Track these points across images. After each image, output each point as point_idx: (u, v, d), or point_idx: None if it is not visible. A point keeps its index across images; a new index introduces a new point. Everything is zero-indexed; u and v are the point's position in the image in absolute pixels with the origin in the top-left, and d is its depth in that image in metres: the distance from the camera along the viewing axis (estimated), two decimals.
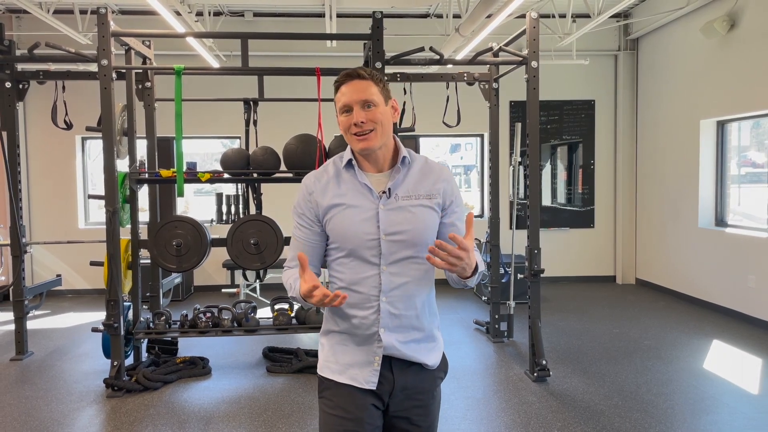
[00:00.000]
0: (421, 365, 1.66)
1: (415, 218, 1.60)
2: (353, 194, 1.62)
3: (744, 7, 5.73)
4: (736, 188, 6.56)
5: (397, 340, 1.62)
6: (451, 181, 1.68)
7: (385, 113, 1.61)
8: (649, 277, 7.70)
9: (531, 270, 4.35)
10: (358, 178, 1.63)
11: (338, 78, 1.63)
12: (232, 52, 7.31)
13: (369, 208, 1.60)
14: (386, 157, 1.65)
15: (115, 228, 4.12)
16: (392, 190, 1.62)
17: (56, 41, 4.50)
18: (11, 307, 4.94)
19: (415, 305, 1.64)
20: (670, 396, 3.94)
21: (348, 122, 1.59)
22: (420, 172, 1.66)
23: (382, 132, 1.59)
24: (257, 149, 4.49)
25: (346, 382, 1.63)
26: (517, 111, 7.87)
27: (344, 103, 1.59)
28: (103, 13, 4.00)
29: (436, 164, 1.71)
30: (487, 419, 3.65)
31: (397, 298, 1.61)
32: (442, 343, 1.75)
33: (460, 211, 1.70)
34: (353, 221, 1.59)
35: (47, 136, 7.36)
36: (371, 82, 1.60)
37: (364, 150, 1.60)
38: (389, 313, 1.61)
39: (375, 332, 1.61)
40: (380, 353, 1.62)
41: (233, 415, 3.72)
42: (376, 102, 1.59)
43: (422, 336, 1.66)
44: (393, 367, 1.64)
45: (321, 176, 1.67)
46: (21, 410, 3.82)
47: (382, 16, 4.15)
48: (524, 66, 4.42)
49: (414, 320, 1.64)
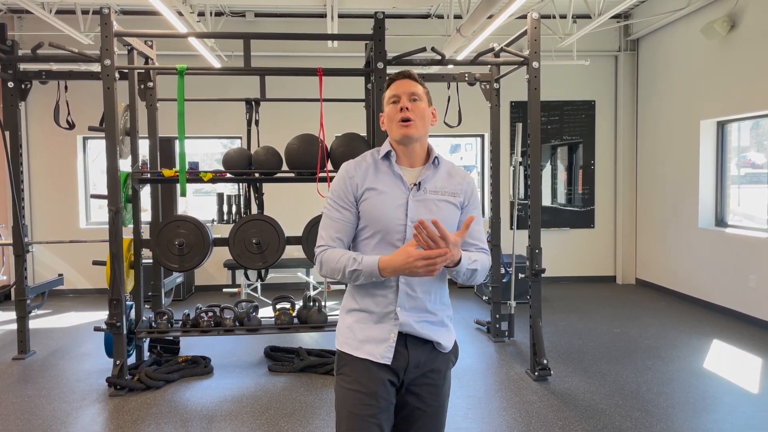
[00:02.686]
0: (433, 345, 1.79)
1: (439, 211, 1.77)
2: (387, 182, 1.78)
3: (744, 8, 5.75)
4: (736, 189, 6.57)
5: (412, 319, 1.75)
6: (472, 185, 1.87)
7: (427, 112, 1.81)
8: (650, 277, 7.72)
9: (532, 270, 4.37)
10: (394, 169, 1.79)
11: (392, 76, 1.84)
12: (233, 52, 7.32)
13: (400, 197, 1.76)
14: (420, 155, 1.83)
15: (118, 227, 4.13)
16: (422, 183, 1.79)
17: (58, 41, 4.51)
18: (13, 306, 4.95)
19: (430, 290, 1.78)
20: (671, 395, 3.96)
21: (394, 110, 1.78)
22: (447, 173, 1.85)
23: (422, 126, 1.78)
24: (259, 149, 4.51)
25: (364, 356, 1.74)
26: (517, 111, 7.88)
27: (393, 93, 1.79)
28: (106, 13, 4.01)
29: (461, 169, 1.91)
30: (489, 418, 3.66)
31: (415, 281, 1.75)
32: (454, 333, 1.88)
33: (476, 213, 1.85)
34: (385, 206, 1.75)
35: (49, 136, 7.37)
36: (419, 84, 1.82)
37: (405, 138, 1.76)
38: (406, 294, 1.75)
39: (392, 311, 1.75)
40: (396, 330, 1.74)
41: (235, 414, 3.73)
42: (421, 97, 1.80)
43: (435, 319, 1.80)
44: (408, 345, 1.76)
45: (360, 163, 1.83)
46: (24, 409, 3.84)
47: (384, 17, 4.17)
48: (525, 66, 4.44)
49: (428, 304, 1.78)
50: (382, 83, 4.19)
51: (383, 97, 1.85)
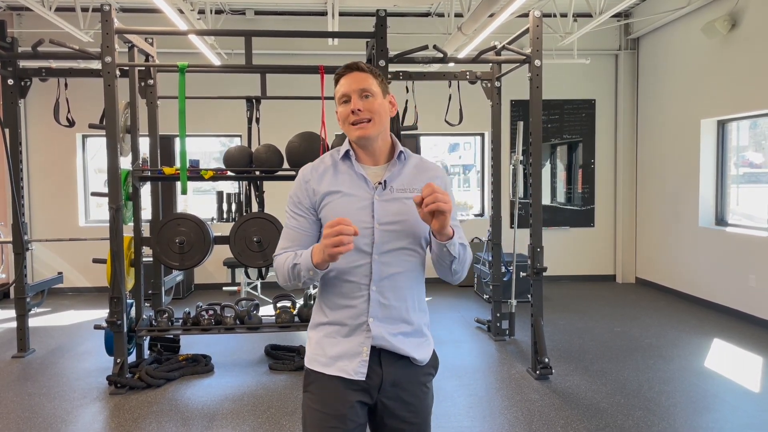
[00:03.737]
0: (409, 359, 1.66)
1: (409, 210, 1.61)
2: (349, 184, 1.65)
3: (745, 7, 5.74)
4: (734, 188, 6.57)
5: (386, 331, 1.62)
6: (445, 179, 1.71)
7: (383, 105, 1.65)
8: (649, 276, 7.72)
9: (534, 268, 4.36)
10: (355, 169, 1.65)
11: (338, 71, 1.67)
12: (234, 50, 7.31)
13: (364, 198, 1.63)
14: (383, 151, 1.69)
15: (119, 225, 4.12)
16: (388, 182, 1.65)
17: (58, 38, 4.49)
18: (13, 304, 4.94)
19: (405, 297, 1.65)
20: (672, 394, 3.96)
21: (346, 111, 1.63)
22: (416, 168, 1.70)
23: (379, 122, 1.63)
24: (260, 147, 4.50)
25: (335, 374, 1.62)
26: (517, 110, 7.88)
27: (343, 92, 1.63)
28: (107, 10, 4.00)
29: (431, 162, 1.75)
30: (491, 416, 3.66)
31: (387, 288, 1.63)
32: (432, 341, 1.75)
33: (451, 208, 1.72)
34: (348, 209, 1.61)
35: (48, 134, 7.35)
36: (370, 74, 1.65)
37: (361, 139, 1.63)
38: (378, 302, 1.62)
39: (364, 322, 1.62)
40: (369, 343, 1.62)
41: (236, 413, 3.72)
42: (374, 93, 1.63)
43: (411, 330, 1.67)
44: (382, 360, 1.63)
45: (318, 166, 1.70)
46: (24, 407, 3.82)
47: (386, 15, 4.16)
48: (526, 65, 4.43)
49: (403, 312, 1.65)
50: None
51: (334, 94, 1.67)
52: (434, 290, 7.44)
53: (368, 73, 1.65)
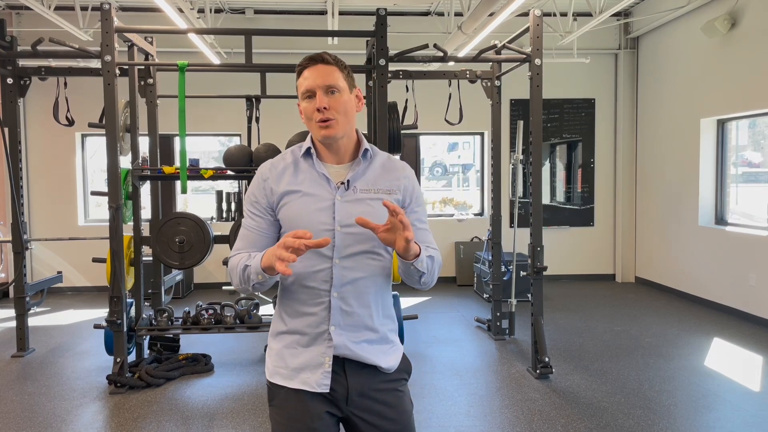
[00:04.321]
0: (376, 368, 1.57)
1: (373, 211, 1.52)
2: (310, 183, 1.55)
3: (745, 6, 5.74)
4: (734, 188, 6.57)
5: (349, 340, 1.53)
6: (412, 179, 1.63)
7: (349, 101, 1.54)
8: (649, 276, 7.72)
9: (534, 267, 4.36)
10: (316, 168, 1.56)
11: (301, 62, 1.56)
12: (233, 49, 7.30)
13: (326, 198, 1.53)
14: (348, 149, 1.58)
15: (119, 224, 4.11)
16: (351, 182, 1.56)
17: (57, 37, 4.49)
18: (12, 304, 4.93)
19: (368, 303, 1.56)
20: (673, 393, 3.96)
21: (311, 108, 1.52)
22: (382, 167, 1.61)
23: (345, 121, 1.53)
24: (260, 146, 4.49)
25: (298, 387, 1.54)
26: (517, 109, 7.88)
27: (307, 87, 1.52)
28: (107, 9, 3.99)
29: (399, 161, 1.65)
30: (491, 416, 3.66)
31: (349, 293, 1.53)
32: (400, 346, 1.67)
33: (421, 211, 1.63)
34: (308, 210, 1.53)
35: (47, 133, 7.33)
36: (336, 67, 1.53)
37: (326, 138, 1.53)
38: (340, 309, 1.53)
39: (325, 330, 1.53)
40: (331, 353, 1.53)
41: (236, 412, 3.72)
42: (341, 88, 1.52)
43: (376, 337, 1.58)
44: (346, 369, 1.55)
45: (277, 164, 1.60)
46: (23, 407, 3.82)
47: (386, 13, 4.15)
48: (526, 64, 4.43)
49: (367, 319, 1.55)
50: (384, 80, 4.18)
51: (296, 86, 1.56)
52: (434, 290, 7.44)
53: (334, 65, 1.53)
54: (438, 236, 7.97)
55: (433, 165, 9.79)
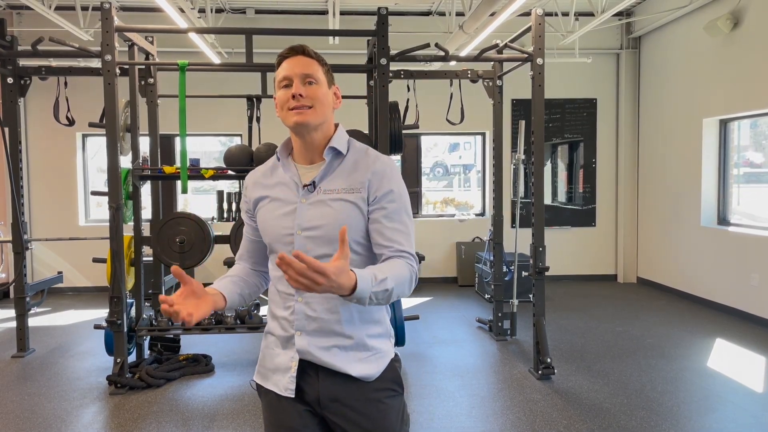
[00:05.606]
0: (351, 376, 1.49)
1: (333, 213, 1.46)
2: (279, 187, 1.54)
3: (747, 6, 5.72)
4: (735, 188, 6.55)
5: (314, 345, 1.48)
6: (382, 173, 1.48)
7: (327, 95, 1.50)
8: (651, 276, 7.70)
9: (536, 267, 4.34)
10: (286, 170, 1.54)
11: (281, 52, 1.52)
12: (234, 49, 7.28)
13: (291, 202, 1.50)
14: (321, 146, 1.52)
15: (119, 224, 4.10)
16: (317, 182, 1.50)
17: (58, 37, 4.48)
18: (12, 304, 4.92)
19: (337, 309, 1.47)
20: (675, 394, 3.94)
21: (285, 96, 1.47)
22: (354, 163, 1.52)
23: (321, 111, 1.48)
24: (261, 146, 4.48)
25: (271, 388, 1.55)
26: (518, 109, 7.86)
27: (284, 75, 1.48)
28: (107, 8, 3.97)
29: (375, 155, 1.53)
30: (493, 416, 3.64)
31: (315, 299, 1.48)
32: (387, 354, 1.55)
33: (393, 208, 1.48)
34: (273, 215, 1.52)
35: (47, 133, 7.32)
36: (316, 61, 1.51)
37: (298, 125, 1.47)
38: (305, 314, 1.49)
39: (292, 335, 1.51)
40: (297, 358, 1.50)
41: (237, 413, 3.70)
42: (319, 80, 1.49)
43: (350, 344, 1.49)
44: (318, 375, 1.50)
45: (258, 169, 1.61)
46: (23, 407, 3.80)
47: (387, 12, 4.13)
48: (528, 63, 4.41)
49: (335, 325, 1.48)
50: (385, 80, 4.17)
51: (274, 77, 1.52)
52: (435, 290, 7.43)
53: (314, 59, 1.50)
54: (439, 236, 7.97)
55: (434, 165, 9.79)
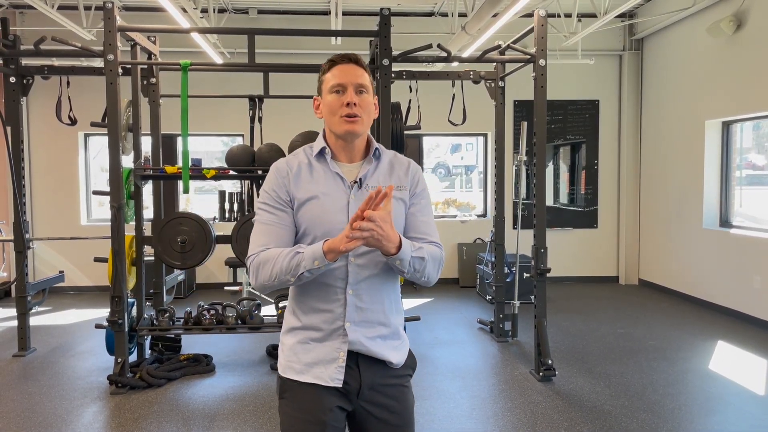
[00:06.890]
0: (386, 362, 1.62)
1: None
2: (325, 183, 1.60)
3: (751, 7, 5.71)
4: (738, 190, 6.54)
5: (363, 336, 1.58)
6: (418, 173, 1.69)
7: (372, 104, 1.61)
8: (653, 278, 7.68)
9: (537, 269, 4.33)
10: (330, 167, 1.61)
11: (333, 58, 1.60)
12: (236, 49, 7.29)
13: (341, 198, 1.58)
14: (360, 148, 1.65)
15: (120, 224, 4.10)
16: (363, 180, 1.61)
17: (60, 36, 4.48)
18: (13, 303, 4.92)
19: (382, 299, 1.61)
20: (677, 396, 3.93)
21: (338, 102, 1.57)
22: (389, 164, 1.67)
23: (368, 121, 1.61)
24: (262, 146, 4.48)
25: (311, 381, 1.58)
26: (521, 110, 7.85)
27: (338, 82, 1.57)
28: (110, 7, 3.98)
29: (405, 158, 1.72)
30: (494, 418, 3.63)
31: (364, 290, 1.58)
32: (407, 342, 1.72)
33: (424, 203, 1.67)
34: (326, 210, 1.57)
35: (50, 132, 7.33)
36: (366, 71, 1.61)
37: (349, 134, 1.58)
38: (355, 306, 1.57)
39: (340, 326, 1.57)
40: (345, 349, 1.57)
41: (237, 413, 3.70)
42: (368, 90, 1.60)
43: (389, 332, 1.63)
44: (360, 364, 1.59)
45: (292, 161, 1.64)
46: (24, 406, 3.80)
47: (390, 13, 4.13)
48: (530, 65, 4.40)
49: (380, 315, 1.61)
50: (387, 80, 4.16)
51: (321, 80, 1.61)
52: (436, 291, 7.42)
53: (364, 69, 1.61)
54: (441, 237, 7.89)
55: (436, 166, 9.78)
